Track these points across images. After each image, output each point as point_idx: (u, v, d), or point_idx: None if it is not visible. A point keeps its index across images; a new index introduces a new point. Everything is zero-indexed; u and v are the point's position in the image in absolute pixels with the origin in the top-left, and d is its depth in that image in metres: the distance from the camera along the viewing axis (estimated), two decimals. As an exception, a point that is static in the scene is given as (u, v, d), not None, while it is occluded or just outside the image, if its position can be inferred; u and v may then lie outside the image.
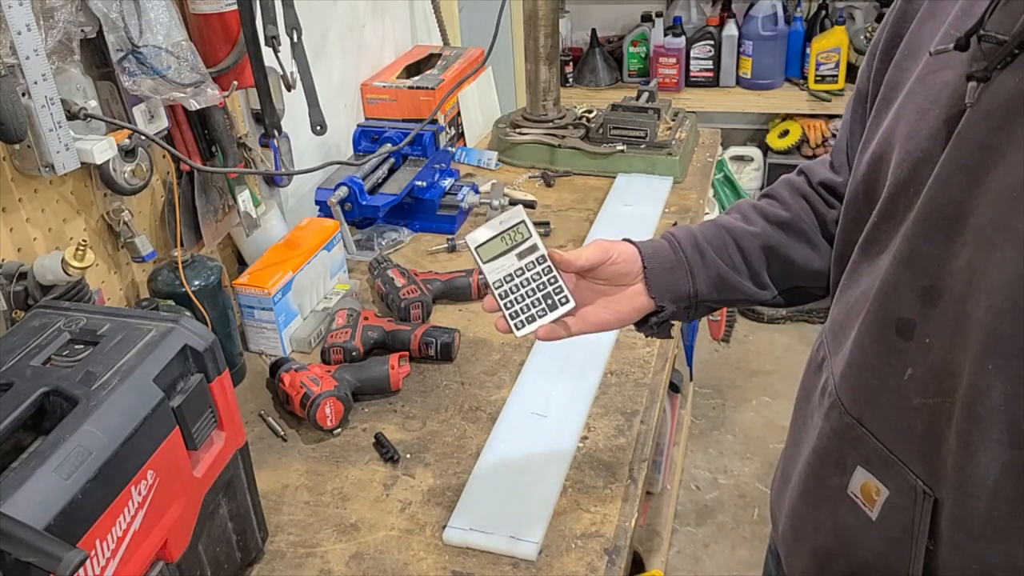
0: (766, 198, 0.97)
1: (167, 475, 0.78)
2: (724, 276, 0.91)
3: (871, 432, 0.72)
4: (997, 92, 0.61)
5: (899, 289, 0.68)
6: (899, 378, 0.68)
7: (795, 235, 0.92)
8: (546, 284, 0.86)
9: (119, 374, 0.77)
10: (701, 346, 2.79)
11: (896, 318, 0.68)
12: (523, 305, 0.86)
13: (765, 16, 3.04)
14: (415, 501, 1.07)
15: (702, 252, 0.91)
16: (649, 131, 1.87)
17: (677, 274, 0.90)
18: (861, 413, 0.73)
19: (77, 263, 1.00)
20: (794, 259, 0.92)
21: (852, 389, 0.74)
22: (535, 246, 0.87)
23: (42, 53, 0.97)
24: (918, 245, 0.66)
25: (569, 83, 3.28)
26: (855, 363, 0.73)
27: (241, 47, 1.27)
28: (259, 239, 1.48)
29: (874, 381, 0.71)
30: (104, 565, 0.71)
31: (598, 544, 0.99)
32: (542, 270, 0.86)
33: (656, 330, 0.93)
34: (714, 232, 0.93)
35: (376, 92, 1.95)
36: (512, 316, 0.86)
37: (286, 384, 1.21)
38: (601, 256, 0.87)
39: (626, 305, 0.90)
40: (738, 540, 2.32)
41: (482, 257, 0.88)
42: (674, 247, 0.91)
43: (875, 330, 0.71)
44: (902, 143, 0.69)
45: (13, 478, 0.66)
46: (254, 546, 0.98)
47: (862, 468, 0.73)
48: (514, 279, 0.86)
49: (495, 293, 0.87)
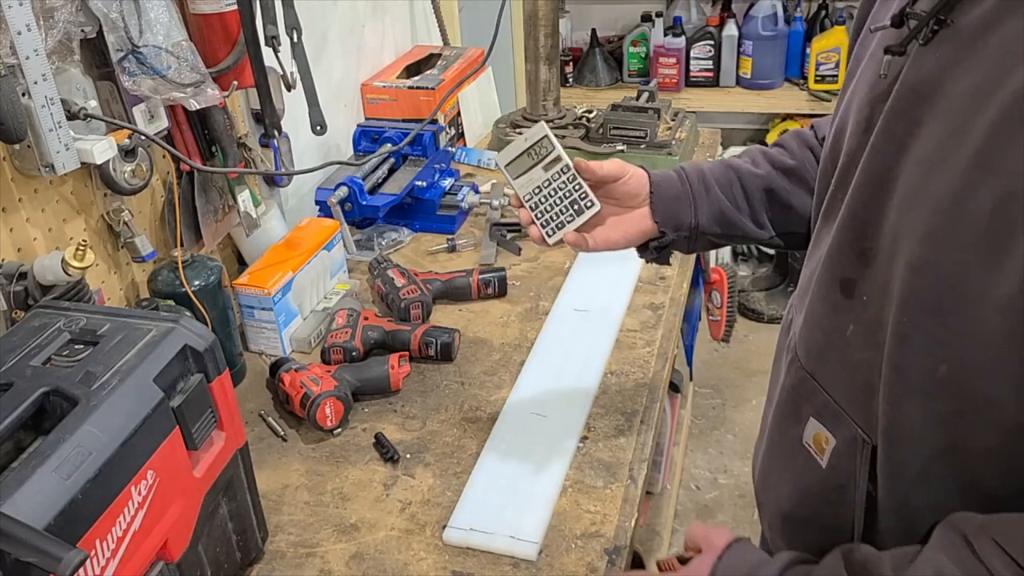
0: (776, 147, 1.02)
1: (167, 475, 0.78)
2: (725, 212, 0.97)
3: (821, 385, 0.77)
4: (921, 67, 0.65)
5: (842, 251, 0.73)
6: (843, 334, 0.73)
7: (797, 182, 0.98)
8: (572, 191, 0.92)
9: (119, 374, 0.77)
10: (701, 346, 2.79)
11: (840, 278, 0.73)
12: (552, 213, 0.93)
13: (765, 16, 3.04)
14: (415, 501, 1.07)
15: (707, 186, 0.97)
16: (649, 131, 1.87)
17: (681, 203, 0.97)
18: (814, 368, 0.78)
19: (77, 263, 1.00)
20: (793, 204, 0.98)
21: (807, 345, 0.80)
22: (559, 157, 0.93)
23: (42, 53, 0.97)
24: (857, 210, 0.71)
25: (569, 83, 3.28)
26: (809, 321, 0.79)
27: (241, 47, 1.27)
28: (259, 239, 1.48)
29: (823, 337, 0.77)
30: (104, 565, 0.71)
31: (598, 544, 0.99)
32: (567, 178, 0.92)
33: (656, 255, 1.01)
34: (721, 170, 0.99)
35: (376, 92, 1.95)
36: (543, 224, 0.93)
37: (286, 384, 1.21)
38: (618, 171, 0.94)
39: (632, 227, 0.97)
40: (738, 540, 2.32)
41: (511, 174, 0.94)
42: (681, 179, 0.98)
43: (824, 289, 0.76)
44: (854, 115, 0.74)
45: (13, 478, 0.66)
46: (254, 546, 0.98)
47: (814, 419, 0.78)
48: (542, 190, 0.93)
49: (527, 205, 0.94)
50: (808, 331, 0.80)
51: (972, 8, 0.62)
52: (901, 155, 0.66)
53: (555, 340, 1.35)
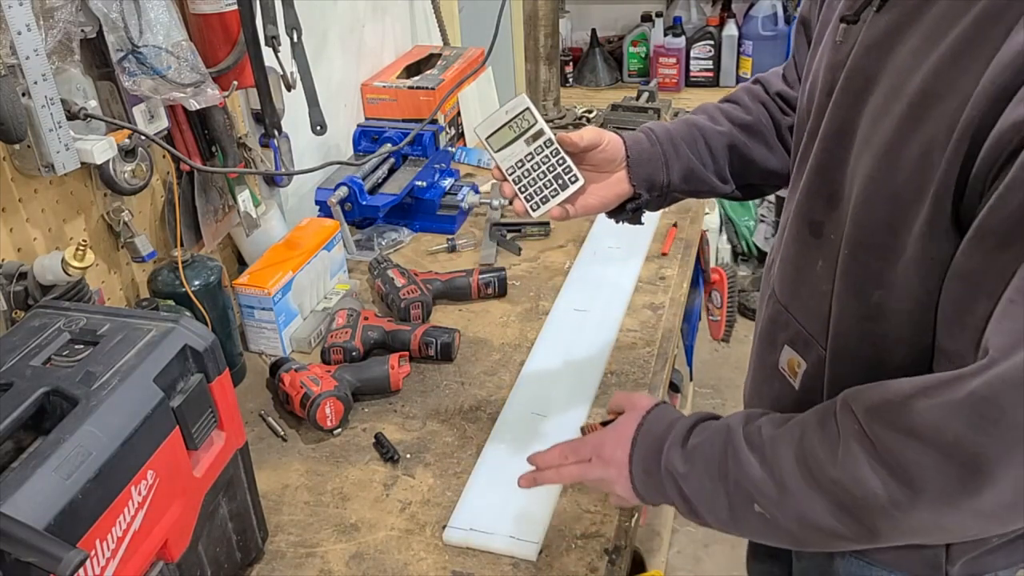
0: (729, 103, 1.07)
1: (167, 475, 0.78)
2: (693, 169, 1.01)
3: (794, 316, 0.87)
4: (874, 30, 0.74)
5: (810, 196, 0.82)
6: (813, 269, 0.82)
7: (755, 137, 1.04)
8: (555, 165, 0.92)
9: (119, 374, 0.77)
10: (701, 346, 2.79)
11: (810, 220, 0.82)
12: (537, 187, 0.93)
13: (765, 16, 3.03)
14: (415, 501, 1.07)
15: (675, 146, 1.01)
16: (649, 131, 1.87)
17: (655, 164, 1.00)
18: (788, 301, 0.88)
19: (77, 263, 1.00)
20: (753, 158, 1.03)
21: (782, 281, 0.89)
22: (541, 131, 0.93)
23: (42, 53, 0.97)
24: (822, 159, 0.80)
25: (569, 83, 3.28)
26: (783, 259, 0.89)
27: (241, 47, 1.27)
28: (259, 239, 1.48)
29: (796, 273, 0.86)
30: (104, 565, 0.71)
31: (598, 544, 0.98)
32: (550, 152, 0.92)
33: (630, 216, 1.03)
34: (686, 130, 1.03)
35: (376, 92, 1.95)
36: (528, 199, 0.93)
37: (286, 384, 1.21)
38: (596, 139, 0.96)
39: (609, 191, 0.99)
40: (738, 540, 2.30)
41: (493, 147, 0.93)
42: (651, 139, 1.01)
43: (796, 230, 0.85)
44: (823, 74, 0.81)
45: (13, 478, 0.66)
46: (254, 546, 0.98)
47: (788, 347, 0.88)
48: (525, 164, 0.92)
49: (509, 179, 0.93)
50: (782, 268, 0.89)
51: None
52: (859, 107, 0.74)
53: (555, 340, 1.35)
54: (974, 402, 0.60)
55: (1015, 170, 0.59)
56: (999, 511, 0.62)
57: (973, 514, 0.63)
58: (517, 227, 1.67)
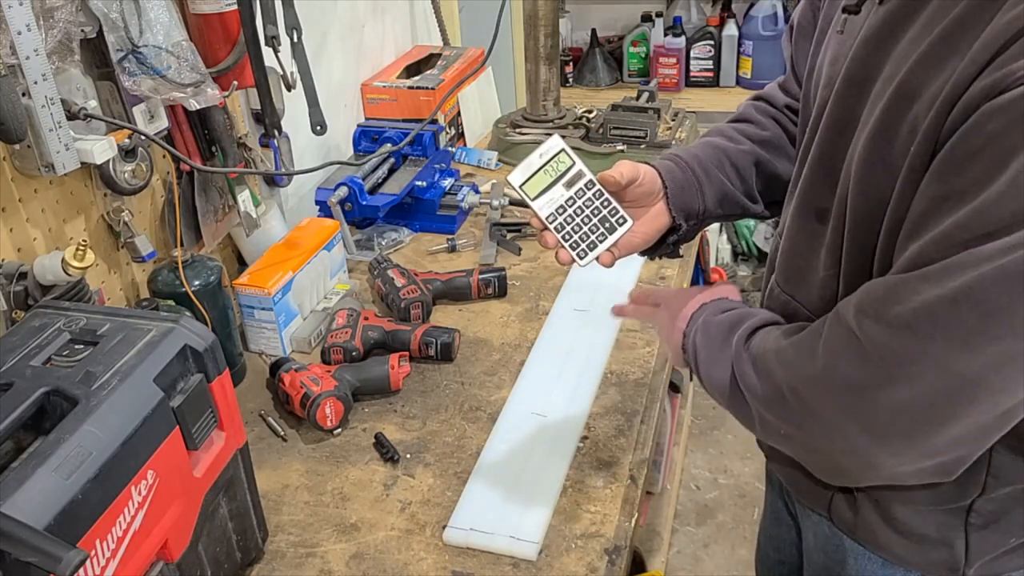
0: (741, 122, 1.05)
1: (167, 475, 0.78)
2: (726, 192, 0.99)
3: (801, 303, 0.86)
4: (876, 20, 0.74)
5: (814, 184, 0.82)
6: (817, 255, 0.82)
7: (777, 152, 1.02)
8: (600, 208, 0.86)
9: (119, 374, 0.77)
10: (701, 346, 2.79)
11: (816, 208, 0.82)
12: (582, 233, 0.86)
13: (765, 16, 3.03)
14: (415, 501, 1.07)
15: (707, 170, 0.98)
16: (649, 131, 1.87)
17: (690, 192, 0.97)
18: (793, 290, 0.88)
19: (77, 263, 1.00)
20: (778, 173, 1.02)
21: (786, 271, 0.89)
22: (581, 172, 0.87)
23: (42, 53, 0.97)
24: (825, 148, 0.80)
25: (569, 83, 3.28)
26: (786, 250, 0.88)
27: (241, 47, 1.27)
28: (259, 239, 1.48)
29: (802, 262, 0.85)
30: (104, 565, 0.71)
31: (598, 544, 0.99)
32: (593, 194, 0.86)
33: (671, 249, 1.01)
34: (711, 152, 1.01)
35: (376, 92, 1.95)
36: (573, 247, 0.86)
37: (286, 384, 1.21)
38: (633, 173, 0.91)
39: (650, 226, 0.96)
40: (738, 540, 2.32)
41: (529, 194, 0.86)
42: (682, 167, 0.97)
43: (801, 220, 0.85)
44: (826, 68, 0.82)
45: (13, 478, 0.66)
46: (254, 546, 0.98)
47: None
48: (567, 210, 0.86)
49: (551, 227, 0.87)
50: (786, 259, 0.88)
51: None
52: (862, 97, 0.75)
53: (555, 340, 1.35)
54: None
55: (945, 151, 0.63)
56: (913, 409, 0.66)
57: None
58: (517, 227, 1.67)
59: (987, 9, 0.63)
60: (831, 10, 0.85)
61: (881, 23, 0.74)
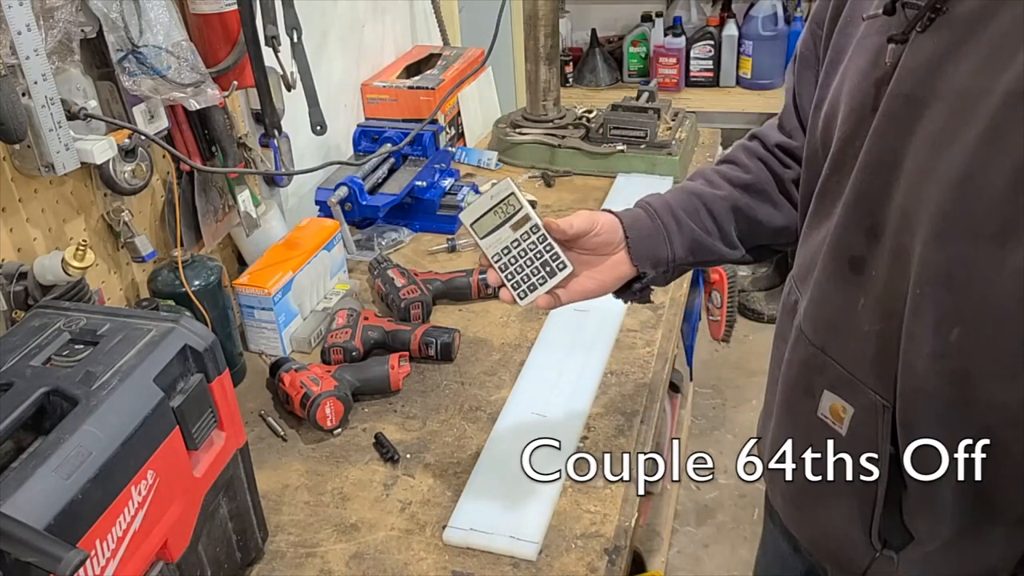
0: (726, 163, 1.02)
1: (167, 475, 0.78)
2: (699, 240, 0.97)
3: (834, 359, 0.80)
4: (919, 52, 0.68)
5: (849, 230, 0.76)
6: (854, 308, 0.76)
7: (758, 196, 0.98)
8: (543, 252, 0.89)
9: (119, 374, 0.77)
10: (701, 346, 2.79)
11: (849, 256, 0.76)
12: (524, 275, 0.90)
13: (765, 16, 3.03)
14: (415, 501, 1.07)
15: (677, 218, 0.96)
16: (649, 131, 1.87)
17: (656, 240, 0.95)
18: (824, 343, 0.81)
19: (77, 263, 1.00)
20: (759, 218, 0.98)
21: (815, 322, 0.82)
22: (527, 216, 0.90)
23: (42, 53, 0.97)
24: (862, 190, 0.74)
25: (569, 83, 3.28)
26: (816, 299, 0.82)
27: (241, 47, 1.27)
28: (259, 239, 1.48)
29: (834, 313, 0.79)
30: (104, 565, 0.71)
31: (598, 544, 0.98)
32: (537, 239, 0.89)
33: (638, 295, 0.99)
34: (685, 198, 0.98)
35: (376, 92, 1.95)
36: (515, 287, 0.90)
37: (286, 384, 1.21)
38: (588, 225, 0.91)
39: (608, 274, 0.95)
40: (738, 540, 2.32)
41: (478, 233, 0.90)
42: (651, 215, 0.96)
43: (832, 268, 0.79)
44: (847, 101, 0.76)
45: (13, 478, 0.66)
46: (254, 546, 0.98)
47: (828, 392, 0.81)
48: (511, 251, 0.90)
49: (495, 266, 0.90)
50: (815, 308, 0.82)
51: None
52: (907, 136, 0.69)
53: (555, 340, 1.35)
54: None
55: None
56: None
57: None
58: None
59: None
60: (842, 40, 0.80)
61: (930, 54, 0.67)
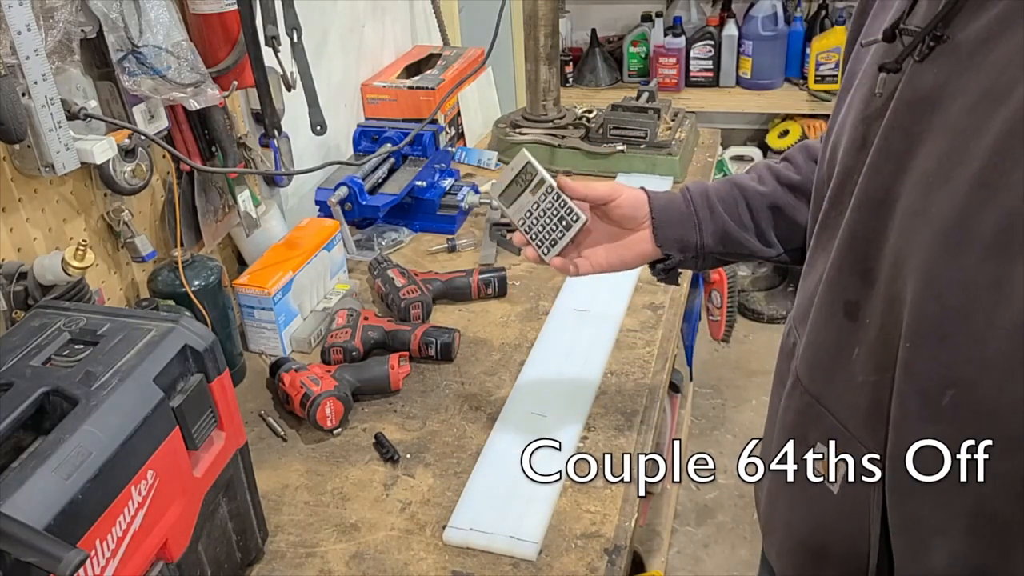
0: (784, 161, 1.01)
1: (167, 475, 0.78)
2: (730, 231, 0.97)
3: (828, 409, 0.75)
4: (919, 83, 0.64)
5: (843, 272, 0.71)
6: (849, 356, 0.71)
7: (803, 197, 0.95)
8: (558, 208, 0.96)
9: (119, 374, 0.77)
10: (701, 346, 2.79)
11: (844, 300, 0.71)
12: (544, 232, 0.97)
13: (765, 16, 3.03)
14: (415, 501, 1.07)
15: (711, 207, 0.97)
16: (649, 131, 1.87)
17: (687, 226, 0.97)
18: (819, 392, 0.76)
19: (77, 263, 1.00)
20: (799, 220, 0.95)
21: (810, 369, 0.77)
22: (543, 179, 0.97)
23: (42, 53, 0.97)
24: (857, 230, 0.69)
25: (569, 83, 3.28)
26: (811, 344, 0.77)
27: (241, 47, 1.27)
28: (259, 239, 1.48)
29: (829, 361, 0.75)
30: (104, 565, 0.71)
31: (598, 544, 0.98)
32: (552, 197, 0.96)
33: (664, 276, 1.01)
34: (728, 189, 0.99)
35: (376, 92, 1.95)
36: (538, 245, 0.98)
37: (286, 384, 1.21)
38: (608, 193, 0.95)
39: (630, 250, 0.98)
40: (738, 540, 2.32)
41: (504, 203, 0.99)
42: (686, 200, 0.98)
43: (827, 311, 0.74)
44: (849, 132, 0.72)
45: (13, 478, 0.66)
46: (254, 546, 0.98)
47: (822, 444, 0.76)
48: (532, 213, 0.97)
49: (521, 228, 0.98)
50: (811, 354, 0.77)
51: (969, 23, 0.60)
52: (900, 174, 0.65)
53: (555, 340, 1.35)
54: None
55: None
56: None
57: None
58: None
59: None
60: (856, 65, 0.76)
61: (927, 87, 0.63)
